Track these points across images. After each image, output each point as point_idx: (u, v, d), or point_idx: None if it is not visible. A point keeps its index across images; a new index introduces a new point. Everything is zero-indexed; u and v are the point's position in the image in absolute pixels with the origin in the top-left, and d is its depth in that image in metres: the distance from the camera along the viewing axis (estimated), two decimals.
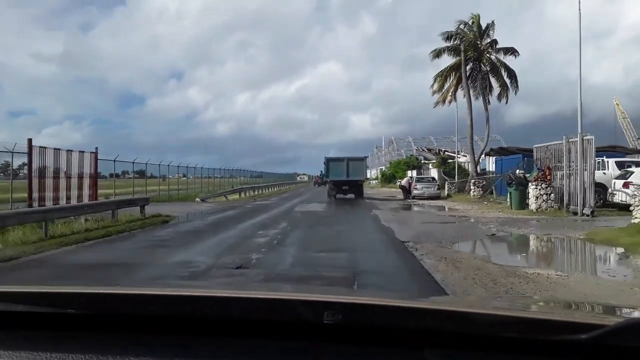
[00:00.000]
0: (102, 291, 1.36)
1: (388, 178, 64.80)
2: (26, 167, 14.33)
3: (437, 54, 35.48)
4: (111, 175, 33.65)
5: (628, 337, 0.93)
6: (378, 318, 1.08)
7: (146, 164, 33.55)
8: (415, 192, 30.03)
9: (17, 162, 16.06)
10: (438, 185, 30.69)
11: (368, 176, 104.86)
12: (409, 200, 29.38)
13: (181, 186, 36.19)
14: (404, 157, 70.81)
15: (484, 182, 27.41)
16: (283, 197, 35.00)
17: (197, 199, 31.30)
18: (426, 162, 66.40)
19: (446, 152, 77.24)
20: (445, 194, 31.48)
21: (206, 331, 1.11)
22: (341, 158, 31.46)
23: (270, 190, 48.73)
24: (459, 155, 48.85)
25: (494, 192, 27.11)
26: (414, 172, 51.67)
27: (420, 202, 27.41)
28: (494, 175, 28.65)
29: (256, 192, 40.47)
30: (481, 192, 27.09)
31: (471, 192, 27.61)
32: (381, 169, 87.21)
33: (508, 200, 20.63)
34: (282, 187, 58.34)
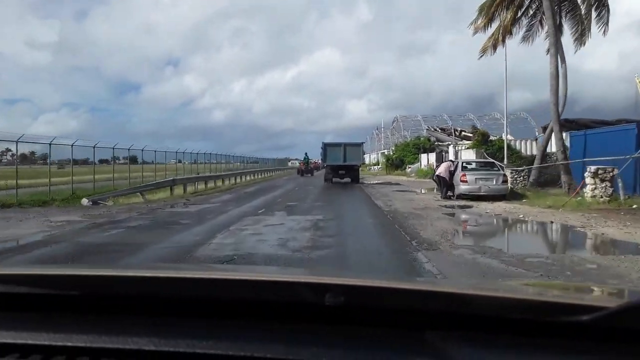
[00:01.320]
0: (104, 273, 1.36)
1: (395, 163, 51.51)
2: None
3: None
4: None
5: (629, 319, 0.93)
6: (379, 300, 1.08)
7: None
8: (463, 187, 16.81)
9: None
10: (504, 176, 17.44)
11: (367, 161, 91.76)
12: (456, 202, 16.23)
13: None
14: (411, 139, 57.33)
15: (613, 172, 14.06)
16: (241, 195, 21.76)
17: (85, 201, 18.08)
18: (440, 143, 53.49)
19: (463, 132, 64.63)
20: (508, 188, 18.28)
21: (207, 313, 1.10)
22: (338, 143, 30.49)
23: (240, 180, 35.55)
24: (491, 134, 36.18)
25: (620, 189, 14.02)
26: (432, 156, 38.63)
27: (488, 208, 14.16)
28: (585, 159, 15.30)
29: (210, 185, 27.21)
30: (611, 191, 13.84)
31: (587, 189, 14.30)
32: (384, 153, 73.88)
33: None
34: (259, 176, 44.81)
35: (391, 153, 56.59)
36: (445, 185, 17.68)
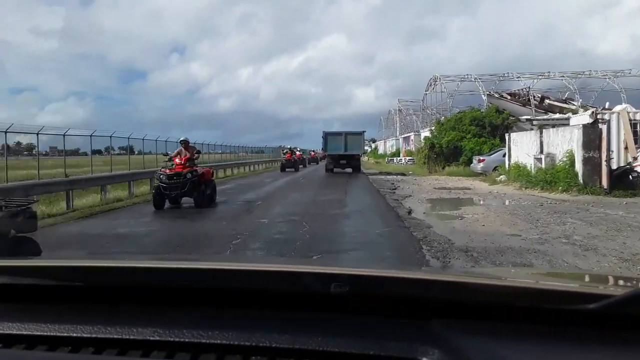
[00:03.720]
0: (109, 264, 1.34)
1: (443, 152, 28.65)
2: None
3: None
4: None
5: (636, 307, 0.92)
6: (384, 289, 1.08)
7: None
8: None
9: None
10: None
11: (381, 151, 70.86)
12: None
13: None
14: (466, 109, 33.85)
15: None
16: None
17: None
18: (518, 119, 30.61)
19: (547, 100, 40.72)
20: None
21: (212, 303, 1.09)
22: (339, 132, 30.15)
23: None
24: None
25: None
26: (550, 135, 16.09)
27: None
28: None
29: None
30: None
31: None
32: (410, 138, 51.30)
33: None
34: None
35: (434, 137, 32.89)
36: None
